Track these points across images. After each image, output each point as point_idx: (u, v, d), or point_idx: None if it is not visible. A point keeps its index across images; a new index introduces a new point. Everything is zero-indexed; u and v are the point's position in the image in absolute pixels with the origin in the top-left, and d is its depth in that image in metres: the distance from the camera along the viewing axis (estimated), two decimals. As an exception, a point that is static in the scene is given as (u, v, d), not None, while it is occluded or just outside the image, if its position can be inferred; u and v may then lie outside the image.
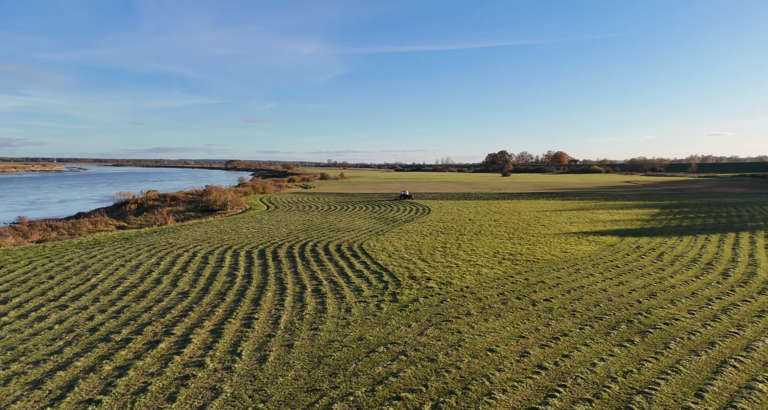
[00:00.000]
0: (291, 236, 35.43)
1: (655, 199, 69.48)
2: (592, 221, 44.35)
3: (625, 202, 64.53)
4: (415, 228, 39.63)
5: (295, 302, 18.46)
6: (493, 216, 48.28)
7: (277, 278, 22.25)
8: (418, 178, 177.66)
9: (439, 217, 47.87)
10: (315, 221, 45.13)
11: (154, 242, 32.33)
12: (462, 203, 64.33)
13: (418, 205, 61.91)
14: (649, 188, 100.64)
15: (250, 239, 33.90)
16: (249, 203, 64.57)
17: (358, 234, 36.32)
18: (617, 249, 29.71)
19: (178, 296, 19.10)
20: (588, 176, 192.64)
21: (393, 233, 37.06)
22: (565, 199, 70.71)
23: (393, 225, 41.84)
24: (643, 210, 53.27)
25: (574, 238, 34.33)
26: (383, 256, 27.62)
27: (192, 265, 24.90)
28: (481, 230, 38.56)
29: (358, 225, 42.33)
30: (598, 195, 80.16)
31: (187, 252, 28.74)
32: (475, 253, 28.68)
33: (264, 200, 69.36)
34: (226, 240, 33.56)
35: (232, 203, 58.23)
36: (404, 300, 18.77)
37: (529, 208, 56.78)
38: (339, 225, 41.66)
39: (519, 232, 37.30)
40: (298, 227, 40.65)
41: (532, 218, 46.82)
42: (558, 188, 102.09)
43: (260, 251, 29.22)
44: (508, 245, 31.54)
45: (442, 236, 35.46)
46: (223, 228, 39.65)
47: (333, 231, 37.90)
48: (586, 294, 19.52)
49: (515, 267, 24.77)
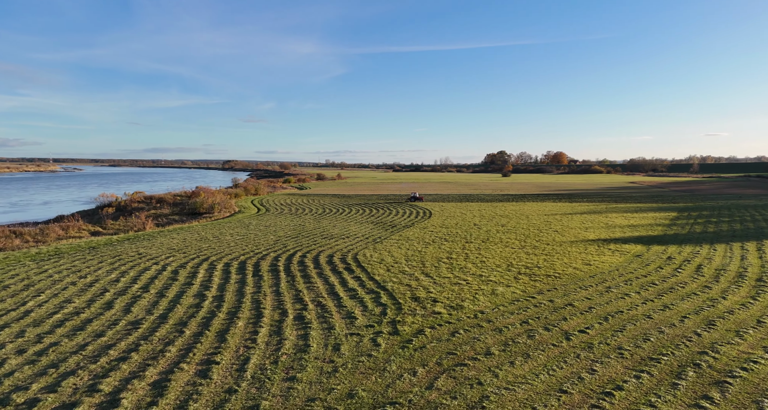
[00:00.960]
0: (278, 244, 31.80)
1: (668, 201, 66.05)
2: (608, 226, 40.83)
3: (637, 205, 61.06)
4: (417, 235, 36.05)
5: (272, 335, 14.85)
6: (500, 221, 44.73)
7: (254, 300, 18.63)
8: (417, 178, 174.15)
9: (441, 222, 44.30)
10: (307, 226, 41.51)
11: (122, 252, 28.67)
12: (464, 205, 60.80)
13: (419, 207, 58.33)
14: (656, 189, 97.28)
15: (232, 248, 30.26)
16: (239, 205, 60.92)
17: (354, 242, 32.72)
18: (646, 261, 26.17)
19: (126, 328, 15.45)
20: (590, 176, 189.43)
21: (392, 240, 33.47)
22: (573, 202, 67.23)
23: (392, 232, 38.25)
24: (660, 214, 49.79)
25: (593, 247, 30.79)
26: (381, 270, 24.02)
27: (157, 283, 21.25)
28: (489, 237, 35.00)
29: (354, 231, 38.73)
30: (607, 196, 76.71)
31: (156, 265, 25.08)
32: (486, 266, 25.11)
33: (255, 202, 65.70)
34: (205, 249, 29.92)
35: (220, 206, 54.57)
36: (407, 332, 15.18)
37: (537, 211, 53.26)
38: (333, 232, 38.05)
39: (531, 239, 33.75)
40: (287, 233, 37.02)
41: (543, 223, 43.29)
42: (562, 189, 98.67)
43: (240, 263, 25.59)
44: (522, 255, 27.97)
45: (447, 244, 31.89)
46: (204, 235, 35.99)
47: (326, 239, 34.29)
48: (628, 323, 15.96)
49: (535, 285, 21.21)
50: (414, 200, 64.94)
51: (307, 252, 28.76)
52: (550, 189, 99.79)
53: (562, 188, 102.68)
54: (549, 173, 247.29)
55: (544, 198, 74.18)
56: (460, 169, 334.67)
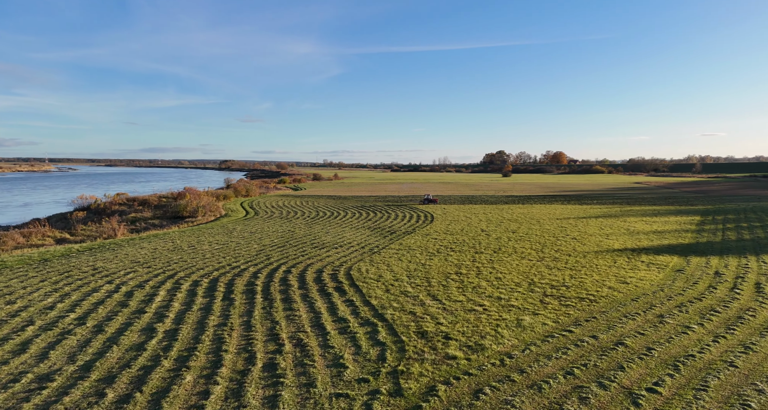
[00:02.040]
0: (261, 256, 27.74)
1: (684, 204, 62.15)
2: (631, 232, 36.88)
3: (653, 207, 57.12)
4: (419, 243, 32.04)
5: (227, 399, 10.81)
6: (509, 226, 40.75)
7: (216, 338, 14.58)
8: (416, 178, 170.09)
9: (445, 227, 40.30)
10: (297, 233, 37.43)
11: (75, 267, 24.55)
12: (468, 208, 56.80)
13: (419, 210, 54.31)
14: (666, 190, 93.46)
15: (207, 261, 26.19)
16: (226, 208, 56.80)
17: (348, 253, 28.69)
18: (692, 278, 22.21)
19: (27, 388, 11.38)
20: (592, 177, 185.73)
21: (391, 250, 29.44)
22: (583, 204, 63.28)
23: (391, 239, 34.22)
24: (682, 218, 45.87)
25: (622, 259, 26.82)
26: (378, 291, 20.00)
27: (100, 311, 17.17)
28: (501, 246, 31.01)
29: (349, 238, 34.69)
30: (617, 198, 72.81)
31: (110, 284, 21.00)
32: (503, 284, 21.11)
33: (245, 205, 61.57)
34: (175, 262, 25.84)
35: (205, 209, 50.45)
36: (413, 391, 11.18)
37: (547, 215, 49.31)
38: (325, 239, 33.99)
39: (549, 249, 29.78)
40: (273, 242, 32.95)
41: (557, 228, 39.32)
42: (567, 190, 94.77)
43: (212, 282, 21.53)
44: (543, 270, 23.99)
45: (454, 255, 27.89)
46: (179, 244, 31.89)
47: (316, 248, 30.24)
48: (708, 374, 11.98)
49: (568, 312, 17.21)
50: (428, 202, 61.41)
51: (293, 267, 24.70)
52: (554, 190, 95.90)
53: (567, 189, 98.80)
54: (549, 173, 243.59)
55: (551, 199, 70.24)
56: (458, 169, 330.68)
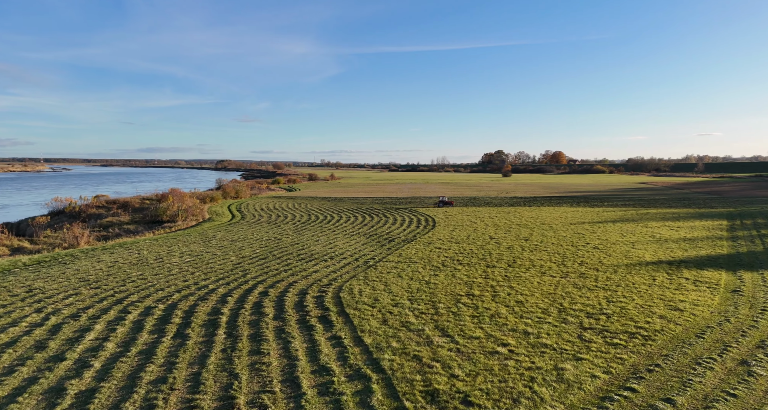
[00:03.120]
0: (237, 271, 23.67)
1: (702, 206, 58.24)
2: (658, 240, 32.95)
3: (672, 211, 53.17)
4: (421, 254, 28.02)
5: None
6: (520, 233, 36.76)
7: (146, 405, 10.50)
8: (414, 178, 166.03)
9: (449, 234, 36.29)
10: (283, 240, 33.36)
11: (7, 287, 20.40)
12: (471, 211, 52.80)
13: (419, 214, 50.29)
14: (676, 191, 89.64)
15: (172, 278, 22.10)
16: (212, 212, 52.65)
17: (338, 267, 24.63)
18: (756, 301, 18.24)
19: None
20: (594, 177, 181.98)
21: (389, 263, 25.40)
22: (593, 206, 59.32)
23: (389, 249, 30.19)
24: (708, 223, 41.95)
25: (661, 274, 22.84)
26: (374, 322, 15.96)
27: (4, 358, 13.07)
28: (515, 257, 27.02)
29: (341, 247, 30.65)
30: (628, 199, 68.90)
31: (39, 312, 16.88)
32: (528, 311, 17.11)
33: (232, 208, 57.40)
34: (133, 280, 21.74)
35: (187, 213, 46.31)
36: None
37: (559, 219, 45.35)
38: (314, 249, 29.94)
39: (571, 262, 25.80)
40: (255, 252, 28.88)
41: (574, 235, 35.36)
42: (573, 191, 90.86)
43: (168, 308, 17.44)
44: (571, 290, 19.99)
45: (463, 269, 23.88)
46: (145, 256, 27.77)
47: (303, 261, 26.18)
48: None
49: (619, 355, 13.20)
50: (443, 205, 57.52)
51: (272, 286, 20.64)
52: (559, 190, 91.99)
53: (572, 190, 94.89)
54: (550, 173, 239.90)
55: (558, 201, 66.28)
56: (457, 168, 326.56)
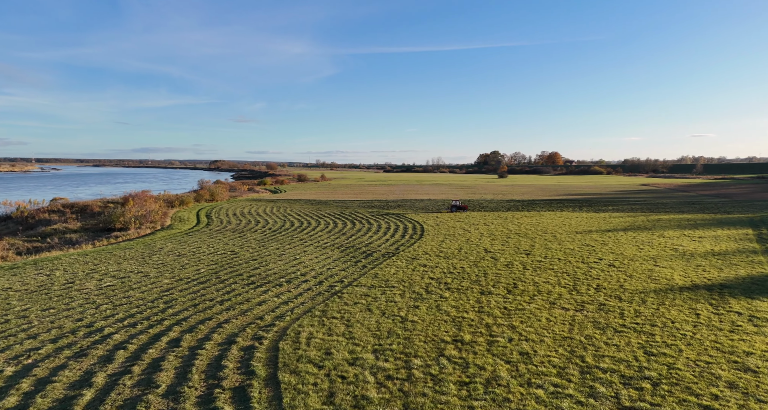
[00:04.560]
0: (158, 304, 18.45)
1: (716, 211, 53.43)
2: (682, 254, 27.99)
3: (685, 216, 48.29)
4: (401, 275, 22.90)
5: None
6: (520, 244, 31.74)
7: None
8: (408, 179, 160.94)
9: (437, 245, 31.22)
10: (240, 256, 28.15)
11: None
12: (465, 217, 47.75)
13: (406, 220, 45.19)
14: (682, 193, 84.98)
15: (64, 316, 16.85)
16: (177, 217, 47.31)
17: (293, 296, 19.46)
18: None
19: None
20: (592, 178, 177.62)
21: (360, 289, 20.25)
22: (597, 210, 54.39)
23: (364, 267, 25.06)
24: (731, 232, 37.08)
25: (703, 306, 17.82)
26: (314, 398, 10.79)
27: None
28: (516, 279, 21.95)
29: (307, 265, 25.47)
30: (634, 203, 64.03)
31: None
32: (538, 373, 12.02)
33: (201, 213, 52.03)
34: (5, 320, 16.49)
35: (143, 219, 40.98)
36: None
37: (562, 226, 40.38)
38: (272, 268, 24.73)
39: (584, 286, 20.76)
40: (198, 272, 23.66)
41: (582, 248, 30.36)
42: (572, 193, 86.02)
43: (10, 379, 12.22)
44: (594, 334, 14.92)
45: (451, 298, 18.77)
46: (54, 279, 22.46)
47: (251, 286, 20.99)
48: None
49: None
50: (457, 210, 52.55)
51: (193, 329, 15.45)
52: (558, 193, 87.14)
53: (572, 192, 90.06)
54: (546, 174, 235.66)
55: (559, 205, 61.35)
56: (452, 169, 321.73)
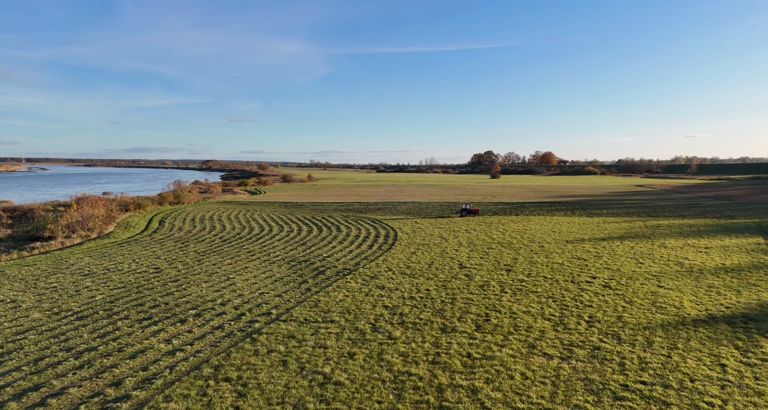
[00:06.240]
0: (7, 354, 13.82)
1: (718, 215, 49.25)
2: (689, 270, 23.64)
3: (686, 222, 44.01)
4: (349, 302, 18.37)
5: None
6: (501, 256, 27.29)
7: None
8: (398, 180, 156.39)
9: (406, 259, 26.73)
10: (164, 274, 23.49)
11: None
12: (446, 223, 43.30)
13: (381, 225, 40.67)
14: (679, 195, 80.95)
15: None
16: (124, 223, 42.49)
17: (190, 340, 14.85)
18: None
19: None
20: (586, 178, 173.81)
21: (287, 328, 15.69)
22: (591, 215, 50.07)
23: (308, 290, 20.50)
24: (741, 241, 32.83)
25: (728, 350, 13.44)
26: None
27: None
28: (490, 307, 17.46)
29: (236, 289, 20.87)
30: (629, 206, 59.79)
31: None
32: None
33: (156, 218, 47.18)
34: None
35: (79, 225, 36.19)
36: None
37: (552, 234, 36.00)
38: (189, 294, 20.10)
39: (575, 319, 16.31)
40: (92, 299, 18.99)
41: (572, 261, 25.95)
42: (565, 194, 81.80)
43: None
44: (585, 403, 10.44)
45: (402, 339, 14.24)
46: None
47: (142, 324, 16.37)
48: None
49: None
50: (467, 214, 48.27)
51: (3, 405, 10.86)
52: (550, 194, 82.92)
53: (565, 193, 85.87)
54: (540, 174, 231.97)
55: (549, 208, 57.05)
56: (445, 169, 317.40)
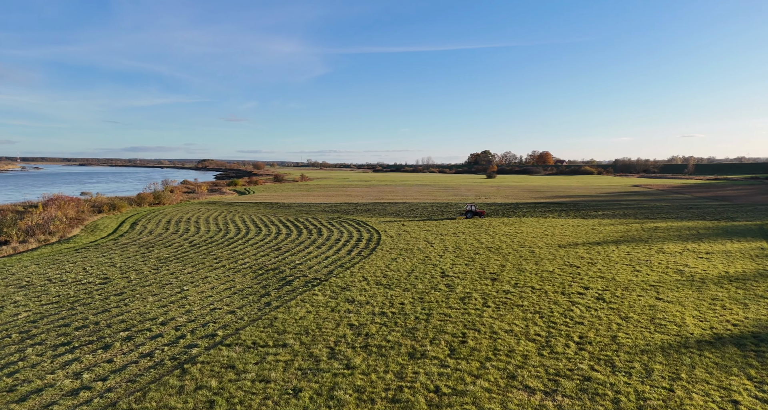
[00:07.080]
0: None
1: (717, 217, 47.22)
2: (689, 279, 21.53)
3: (685, 224, 41.95)
4: (310, 320, 16.18)
5: None
6: (488, 263, 25.14)
7: None
8: (393, 179, 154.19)
9: (385, 267, 24.55)
10: (110, 285, 21.25)
11: None
12: (434, 225, 41.13)
13: (366, 227, 38.48)
14: (677, 196, 79.00)
15: None
16: (94, 225, 40.17)
17: (106, 373, 12.66)
18: None
19: None
20: (582, 178, 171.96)
21: (229, 353, 13.49)
22: (586, 216, 47.99)
23: (268, 303, 18.31)
24: (743, 245, 30.78)
25: (740, 382, 11.33)
26: None
27: None
28: (468, 326, 15.29)
29: (185, 304, 18.66)
30: (626, 207, 57.74)
31: None
32: None
33: (129, 220, 44.83)
34: None
35: (42, 229, 33.91)
36: None
37: (544, 238, 33.88)
38: (129, 310, 17.86)
39: (563, 340, 14.17)
40: (13, 318, 16.74)
41: (564, 269, 23.81)
42: (561, 195, 79.73)
43: None
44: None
45: (362, 365, 12.06)
46: None
47: (56, 350, 14.14)
48: None
49: None
50: (472, 216, 46.13)
51: None
52: (545, 195, 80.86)
53: (560, 193, 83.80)
54: (536, 174, 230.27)
55: (543, 209, 54.97)
56: (442, 169, 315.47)
